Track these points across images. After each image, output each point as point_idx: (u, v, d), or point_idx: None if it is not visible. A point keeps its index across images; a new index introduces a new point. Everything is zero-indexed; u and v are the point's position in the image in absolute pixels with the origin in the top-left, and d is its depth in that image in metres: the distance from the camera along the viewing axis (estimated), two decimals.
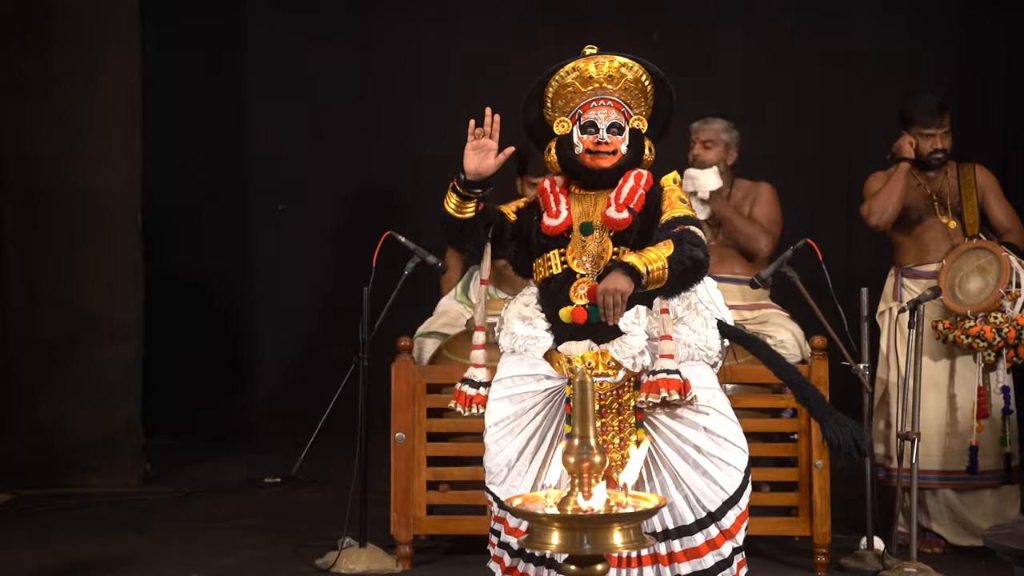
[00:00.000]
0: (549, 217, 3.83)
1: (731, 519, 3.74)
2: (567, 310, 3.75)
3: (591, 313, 3.71)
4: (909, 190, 5.64)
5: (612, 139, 3.80)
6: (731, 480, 3.73)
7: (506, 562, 3.83)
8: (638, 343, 3.70)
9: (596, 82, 3.81)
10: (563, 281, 3.78)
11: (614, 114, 3.81)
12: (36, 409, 6.87)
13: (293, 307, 8.49)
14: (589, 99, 3.83)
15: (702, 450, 3.71)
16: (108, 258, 6.94)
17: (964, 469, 5.43)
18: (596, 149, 3.80)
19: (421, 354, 5.63)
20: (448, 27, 8.27)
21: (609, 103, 3.82)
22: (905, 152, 5.62)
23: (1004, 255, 5.38)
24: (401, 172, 8.28)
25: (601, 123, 3.81)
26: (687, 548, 3.72)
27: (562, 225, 3.81)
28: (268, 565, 5.37)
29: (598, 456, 2.88)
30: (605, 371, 3.73)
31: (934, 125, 5.60)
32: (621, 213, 3.76)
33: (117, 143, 6.91)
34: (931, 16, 8.02)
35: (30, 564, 5.30)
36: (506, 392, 3.82)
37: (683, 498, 3.71)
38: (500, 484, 3.79)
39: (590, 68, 3.80)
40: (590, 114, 3.82)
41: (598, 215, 3.81)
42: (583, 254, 3.79)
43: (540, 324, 3.81)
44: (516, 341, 3.82)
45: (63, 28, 6.86)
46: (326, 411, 6.71)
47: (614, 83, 3.82)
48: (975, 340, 5.32)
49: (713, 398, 3.76)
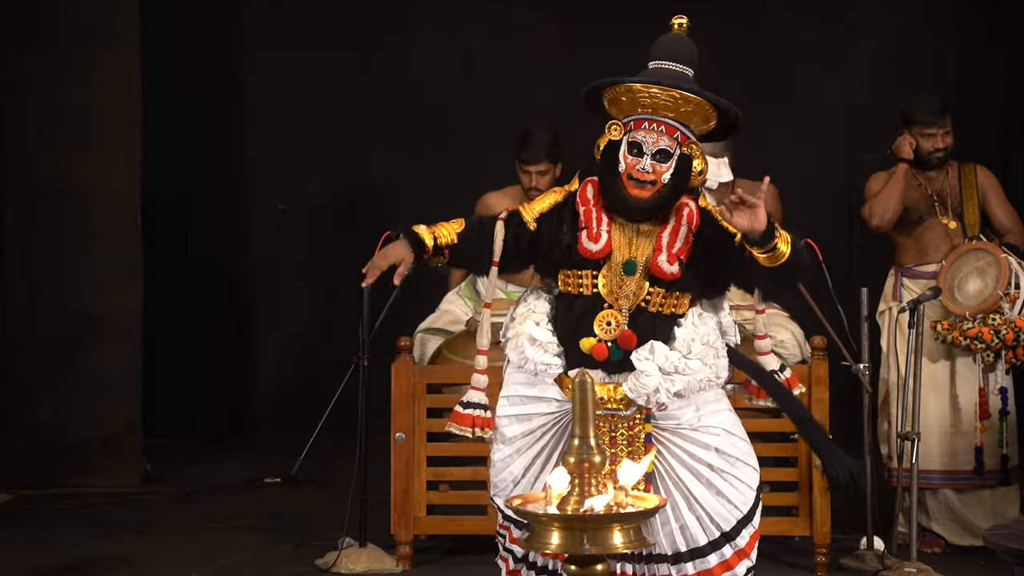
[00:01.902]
0: (589, 240, 3.65)
1: (745, 538, 3.70)
2: (589, 343, 3.62)
3: (612, 353, 3.61)
4: (909, 190, 5.64)
5: (655, 167, 3.61)
6: (744, 498, 3.68)
7: (510, 565, 3.83)
8: (652, 382, 3.58)
9: (653, 104, 3.63)
10: (589, 306, 3.65)
11: (664, 140, 3.62)
12: (36, 409, 6.86)
13: (293, 307, 8.48)
14: (643, 117, 3.64)
15: (715, 468, 3.65)
16: (108, 258, 6.93)
17: (968, 470, 5.44)
18: (636, 176, 3.62)
19: (423, 351, 5.62)
20: (448, 27, 8.26)
21: (662, 128, 3.62)
22: (903, 152, 5.61)
23: (1003, 257, 5.38)
24: (401, 172, 8.27)
25: (648, 148, 3.61)
26: (700, 570, 3.68)
27: (602, 251, 3.64)
28: (268, 565, 5.37)
29: (598, 456, 2.88)
30: (617, 406, 3.65)
31: (935, 125, 5.60)
32: (672, 266, 3.61)
33: (117, 143, 6.91)
34: (931, 16, 8.01)
35: (30, 564, 5.30)
36: (514, 410, 3.74)
37: (696, 520, 3.66)
38: (505, 498, 3.76)
39: (646, 95, 3.63)
40: (640, 135, 3.62)
41: (641, 253, 3.65)
42: (619, 288, 3.65)
43: (552, 349, 3.67)
44: (527, 364, 3.69)
45: (63, 28, 6.86)
46: (326, 411, 6.71)
47: (671, 111, 3.64)
48: (973, 341, 5.32)
49: (723, 419, 3.70)
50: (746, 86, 7.86)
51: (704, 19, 8.01)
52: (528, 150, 5.77)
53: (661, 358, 3.59)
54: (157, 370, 7.42)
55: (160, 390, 7.59)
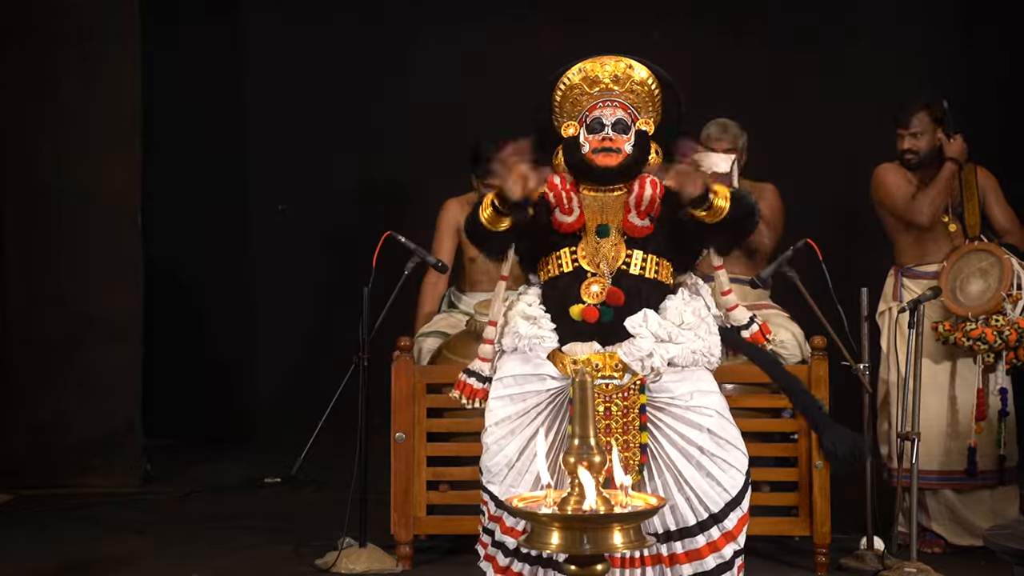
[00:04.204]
0: (562, 214, 3.83)
1: (733, 520, 3.77)
2: (578, 308, 3.74)
3: (602, 313, 3.72)
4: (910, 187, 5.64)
5: (617, 137, 3.82)
6: (733, 481, 3.76)
7: (500, 561, 3.84)
8: (647, 345, 3.70)
9: (602, 83, 3.84)
10: (572, 279, 3.78)
11: (620, 113, 3.83)
12: (36, 409, 6.86)
13: (293, 307, 8.48)
14: (596, 100, 3.85)
15: (705, 451, 3.74)
16: (108, 258, 6.93)
17: (962, 470, 5.44)
18: (602, 146, 3.81)
19: (421, 354, 5.63)
20: (448, 27, 8.26)
21: (615, 103, 3.85)
22: (951, 152, 5.56)
23: (1006, 257, 5.38)
24: (401, 172, 8.28)
25: (607, 119, 3.82)
26: (689, 549, 3.75)
27: (576, 223, 3.81)
28: (268, 565, 5.37)
29: (598, 456, 2.88)
30: (611, 373, 3.74)
31: (903, 125, 5.61)
32: (643, 221, 3.79)
33: (117, 143, 6.90)
34: (931, 16, 8.02)
35: (30, 564, 5.30)
36: (507, 391, 3.81)
37: (685, 500, 3.74)
38: (499, 484, 3.79)
39: (597, 69, 3.84)
40: (596, 113, 3.84)
41: (612, 217, 3.82)
42: (597, 255, 3.79)
43: (545, 324, 3.80)
44: (520, 340, 3.81)
45: (63, 28, 6.86)
46: (326, 411, 6.71)
47: (620, 85, 3.84)
48: (976, 342, 5.32)
49: (715, 401, 3.78)
50: (746, 86, 7.88)
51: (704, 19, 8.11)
52: (484, 165, 5.81)
53: (655, 325, 3.72)
54: (157, 370, 7.42)
55: (160, 390, 7.59)
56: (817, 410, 3.89)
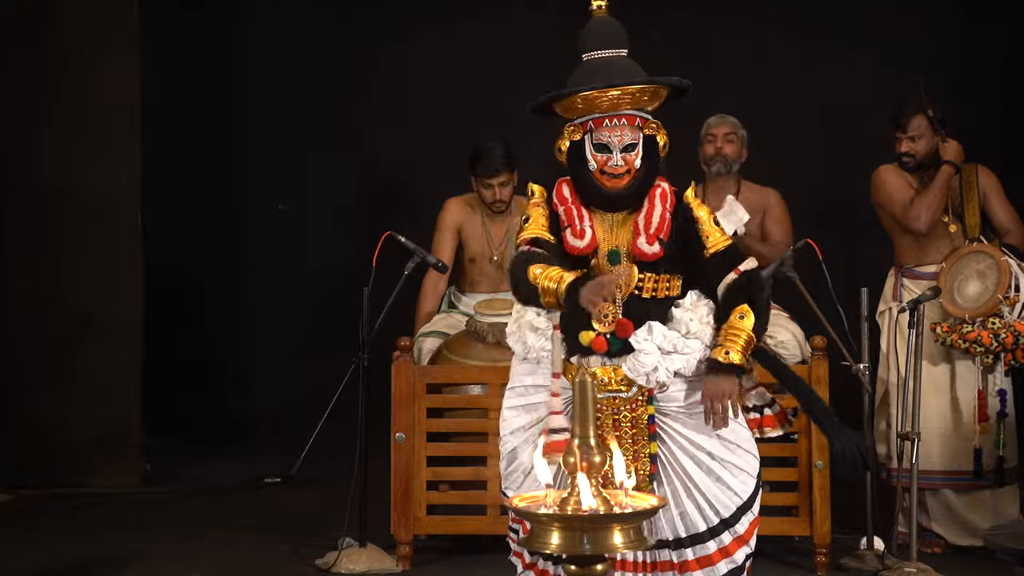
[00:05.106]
0: (574, 236, 3.75)
1: (745, 524, 3.76)
2: (588, 336, 3.70)
3: (611, 343, 3.69)
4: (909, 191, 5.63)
5: (626, 158, 3.72)
6: (744, 485, 3.75)
7: (526, 558, 3.85)
8: (650, 361, 3.67)
9: (610, 105, 3.71)
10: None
11: (628, 133, 3.72)
12: (36, 409, 6.86)
13: (293, 307, 8.48)
14: (602, 116, 3.73)
15: (715, 456, 3.72)
16: (108, 258, 6.93)
17: (967, 471, 5.43)
18: (609, 171, 3.72)
19: (421, 354, 5.62)
20: (448, 27, 8.26)
21: (623, 121, 3.72)
22: (948, 155, 5.55)
23: (1004, 260, 5.37)
24: (401, 172, 8.27)
25: (615, 146, 3.72)
26: (700, 556, 3.73)
27: (588, 247, 3.74)
28: (268, 565, 5.37)
29: (598, 456, 2.88)
30: (618, 387, 3.72)
31: (900, 129, 5.60)
32: (652, 246, 3.71)
33: (117, 143, 6.90)
34: (931, 15, 8.01)
35: (30, 564, 5.30)
36: (521, 401, 3.82)
37: (695, 506, 3.72)
38: (516, 490, 3.78)
39: (603, 98, 3.71)
40: (603, 134, 3.73)
41: (622, 241, 3.75)
42: None
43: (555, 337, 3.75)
44: (530, 352, 3.79)
45: (63, 28, 6.86)
46: (326, 411, 6.71)
47: (627, 104, 3.73)
48: (972, 345, 5.32)
49: None
50: (746, 86, 7.87)
51: (704, 19, 8.11)
52: (486, 164, 5.82)
53: (659, 337, 3.68)
54: (157, 370, 7.42)
55: (160, 390, 7.58)
56: (825, 413, 3.86)
